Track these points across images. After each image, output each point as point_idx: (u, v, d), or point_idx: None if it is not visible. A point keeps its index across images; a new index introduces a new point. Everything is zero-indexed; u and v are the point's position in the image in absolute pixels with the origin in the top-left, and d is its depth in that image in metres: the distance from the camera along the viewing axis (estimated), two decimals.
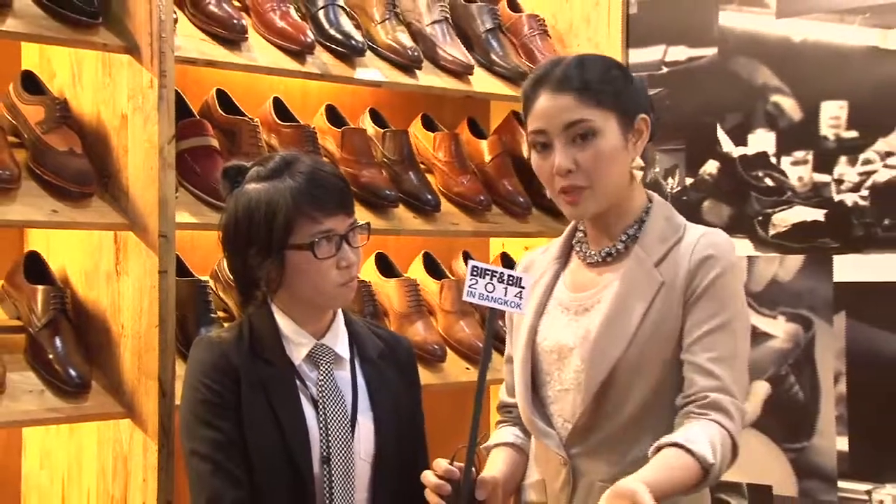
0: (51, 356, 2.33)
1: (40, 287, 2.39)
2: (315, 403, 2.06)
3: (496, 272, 1.86)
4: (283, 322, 2.10)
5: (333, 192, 2.04)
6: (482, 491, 1.90)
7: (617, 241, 2.00)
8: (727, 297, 1.94)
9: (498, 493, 1.95)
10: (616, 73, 1.98)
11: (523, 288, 1.86)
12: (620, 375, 1.93)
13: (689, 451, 1.81)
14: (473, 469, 1.89)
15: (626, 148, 1.97)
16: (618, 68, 2.00)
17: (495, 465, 2.06)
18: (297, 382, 2.07)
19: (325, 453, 2.03)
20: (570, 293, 2.03)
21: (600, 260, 2.02)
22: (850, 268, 2.82)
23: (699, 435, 1.84)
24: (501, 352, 2.22)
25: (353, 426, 2.07)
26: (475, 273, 1.85)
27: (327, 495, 2.03)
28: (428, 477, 1.90)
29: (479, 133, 3.20)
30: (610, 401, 1.94)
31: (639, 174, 1.98)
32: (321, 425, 2.05)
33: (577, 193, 1.95)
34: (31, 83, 2.51)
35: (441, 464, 1.90)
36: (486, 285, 1.86)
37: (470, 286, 1.85)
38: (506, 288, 1.86)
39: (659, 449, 1.83)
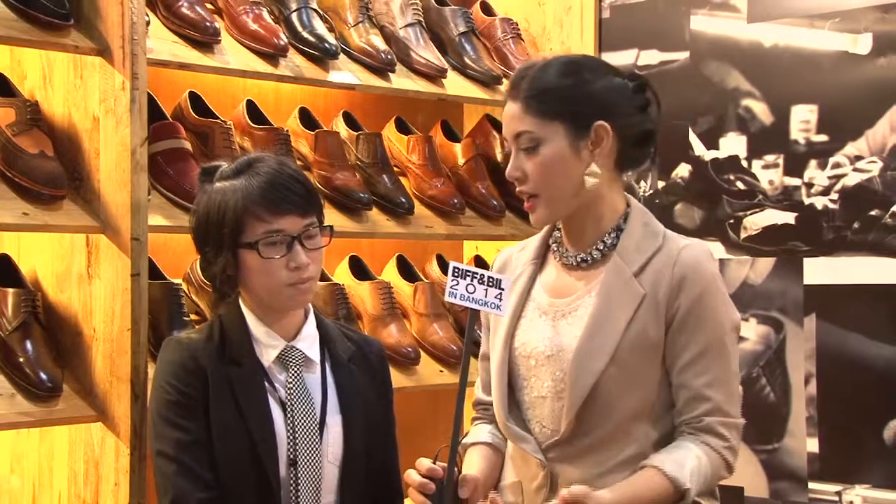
0: (21, 359, 2.31)
1: (11, 290, 2.37)
2: (283, 406, 2.06)
3: (477, 273, 1.88)
4: (254, 324, 2.10)
5: (287, 192, 2.04)
6: (465, 489, 1.92)
7: (592, 249, 2.01)
8: (713, 316, 1.96)
9: (479, 491, 1.96)
10: (570, 81, 1.95)
11: (503, 290, 1.88)
12: (604, 389, 1.94)
13: (663, 472, 1.89)
14: (455, 468, 1.90)
15: (578, 157, 1.95)
16: (576, 74, 1.97)
17: (473, 465, 2.07)
18: (266, 384, 2.07)
19: (291, 456, 2.04)
20: (548, 297, 2.04)
21: (575, 265, 2.02)
22: (820, 270, 2.84)
23: (680, 457, 1.91)
24: (473, 354, 2.22)
25: (321, 429, 2.07)
26: (456, 274, 1.87)
27: (293, 498, 2.03)
28: (412, 476, 1.91)
29: (452, 136, 3.20)
30: (594, 413, 1.95)
31: (592, 181, 1.97)
32: (289, 428, 2.05)
33: (531, 200, 1.99)
34: (2, 85, 2.49)
35: (424, 463, 1.91)
36: (466, 286, 1.88)
37: (451, 287, 1.87)
38: (486, 289, 1.88)
39: (641, 468, 1.91)
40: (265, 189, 2.03)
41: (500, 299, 1.88)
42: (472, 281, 1.87)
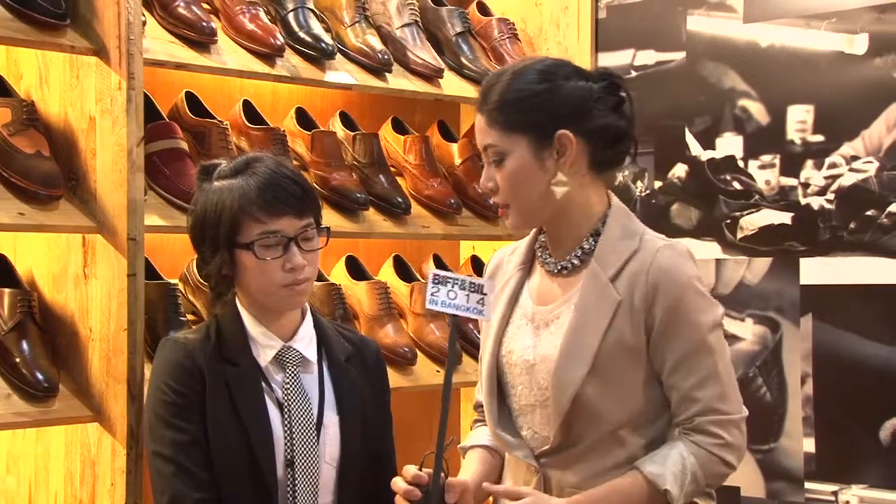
0: (18, 360, 2.31)
1: (7, 290, 2.37)
2: (280, 406, 2.06)
3: (457, 280, 1.87)
4: (251, 324, 2.10)
5: (283, 193, 2.04)
6: (452, 494, 1.91)
7: (571, 256, 2.00)
8: (692, 319, 1.94)
9: (468, 496, 1.96)
10: (533, 91, 1.94)
11: (485, 294, 1.87)
12: (587, 397, 1.93)
13: (641, 472, 1.90)
14: (443, 473, 1.89)
15: (543, 167, 1.95)
16: (539, 83, 1.95)
17: (469, 468, 2.07)
18: (263, 384, 2.07)
19: (289, 456, 2.03)
20: (534, 304, 2.03)
21: (557, 272, 2.02)
22: (816, 270, 2.84)
23: (662, 458, 1.91)
24: (471, 356, 2.22)
25: (318, 430, 2.07)
26: (437, 281, 1.86)
27: (290, 499, 2.03)
28: (398, 483, 1.90)
29: (449, 136, 3.20)
30: (580, 422, 1.95)
31: (560, 191, 1.97)
32: (286, 428, 2.04)
33: (503, 210, 2.00)
34: None
35: (410, 470, 1.91)
36: (447, 293, 1.87)
37: (432, 294, 1.86)
38: (468, 295, 1.87)
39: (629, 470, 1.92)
40: (262, 189, 2.03)
41: (483, 304, 1.86)
42: (452, 287, 1.86)
